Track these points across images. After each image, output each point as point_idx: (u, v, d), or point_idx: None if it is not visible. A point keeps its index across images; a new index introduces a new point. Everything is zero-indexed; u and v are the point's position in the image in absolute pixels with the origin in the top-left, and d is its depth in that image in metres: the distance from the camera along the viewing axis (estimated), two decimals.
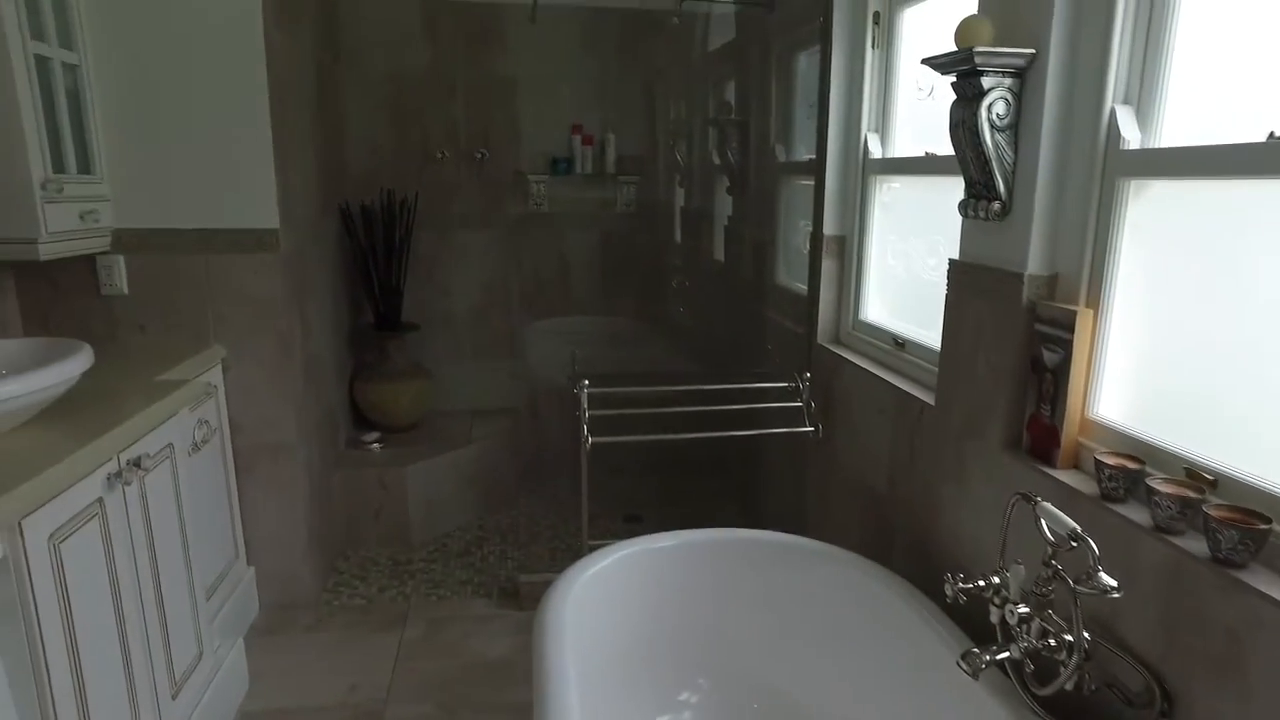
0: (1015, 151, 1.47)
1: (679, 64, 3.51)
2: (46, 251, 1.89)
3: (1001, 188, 1.48)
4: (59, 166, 1.94)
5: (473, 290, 3.52)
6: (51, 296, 2.21)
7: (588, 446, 2.28)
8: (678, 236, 3.67)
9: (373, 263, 3.14)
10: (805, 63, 2.61)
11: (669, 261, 3.70)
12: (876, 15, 2.14)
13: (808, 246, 2.46)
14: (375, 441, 3.09)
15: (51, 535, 1.37)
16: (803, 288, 2.53)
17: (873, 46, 2.16)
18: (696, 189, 3.54)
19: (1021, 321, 1.47)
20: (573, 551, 2.89)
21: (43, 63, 1.89)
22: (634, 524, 3.11)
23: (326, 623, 2.46)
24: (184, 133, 2.17)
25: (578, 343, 3.54)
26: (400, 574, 2.76)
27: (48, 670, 1.35)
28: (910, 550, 1.90)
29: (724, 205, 3.29)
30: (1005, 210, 1.50)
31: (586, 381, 2.33)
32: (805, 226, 2.52)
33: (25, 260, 1.89)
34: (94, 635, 1.48)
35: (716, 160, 3.24)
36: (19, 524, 1.29)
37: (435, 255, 3.45)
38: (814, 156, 2.39)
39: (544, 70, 3.37)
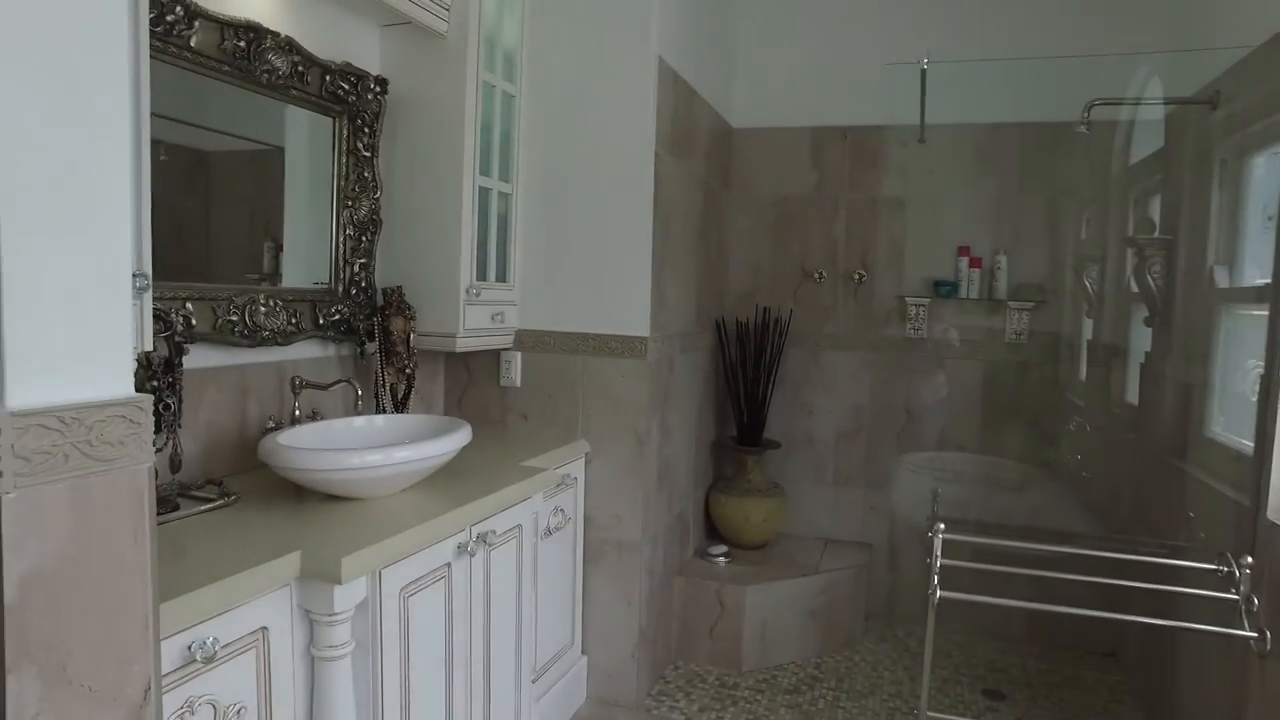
0: None
1: (1088, 178, 3.10)
2: (462, 345, 2.26)
3: None
4: (481, 275, 2.33)
5: (838, 413, 3.40)
6: (466, 382, 2.62)
7: (935, 599, 1.99)
8: (1081, 373, 3.16)
9: (740, 377, 3.22)
10: (1265, 166, 2.12)
11: (1066, 400, 3.19)
12: None
13: (1256, 392, 1.91)
14: (722, 555, 3.08)
15: (404, 588, 1.55)
16: (1246, 444, 1.97)
17: None
18: (1106, 319, 3.03)
19: None
20: (911, 717, 2.51)
21: (484, 192, 2.31)
22: (995, 702, 2.62)
23: None
24: (578, 247, 2.47)
25: (947, 481, 3.19)
26: (724, 697, 2.65)
27: (382, 707, 1.51)
28: None
29: (1140, 338, 2.76)
30: None
31: (942, 525, 2.05)
32: (1254, 367, 1.98)
33: (448, 351, 2.27)
34: (424, 685, 1.62)
35: (1134, 287, 2.75)
36: (379, 572, 1.48)
37: (803, 374, 3.42)
38: (1270, 280, 1.88)
39: (930, 190, 3.23)
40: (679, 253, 2.73)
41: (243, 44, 1.79)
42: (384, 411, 2.17)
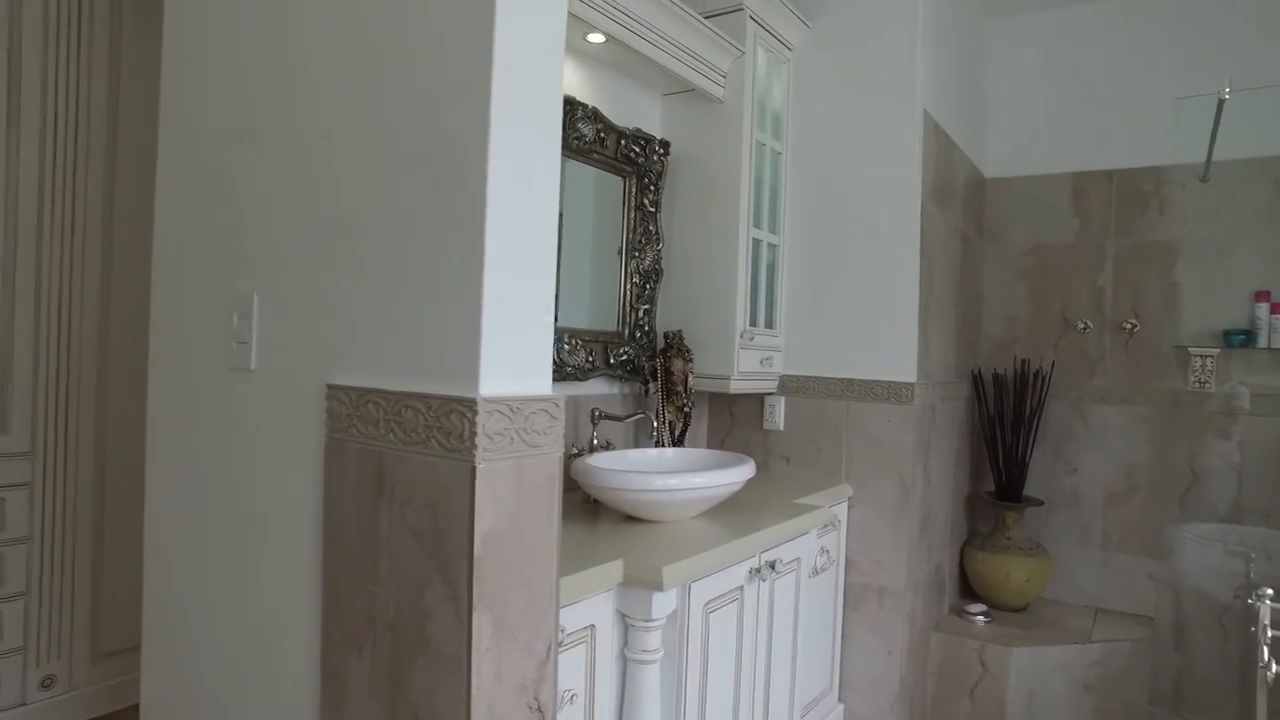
0: None
1: None
2: (735, 387, 2.39)
3: None
4: (753, 321, 2.46)
5: (1108, 472, 3.16)
6: (729, 424, 2.74)
7: (1270, 675, 1.79)
8: None
9: (999, 431, 3.10)
10: None
11: None
12: None
13: None
14: (981, 614, 2.93)
15: (707, 603, 1.66)
16: None
17: None
18: None
19: None
20: None
21: (756, 244, 2.46)
22: None
23: None
24: (843, 295, 2.54)
25: (1249, 557, 2.85)
26: None
27: (685, 714, 1.60)
28: None
29: None
30: None
31: (1269, 591, 1.86)
32: None
33: (718, 392, 2.41)
34: (717, 700, 1.70)
35: None
36: (689, 586, 1.60)
37: (1066, 430, 3.22)
38: None
39: (1216, 232, 2.98)
40: (940, 301, 2.72)
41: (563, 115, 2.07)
42: (662, 445, 2.33)
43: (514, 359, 1.03)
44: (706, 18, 2.30)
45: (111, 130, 2.50)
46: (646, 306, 2.40)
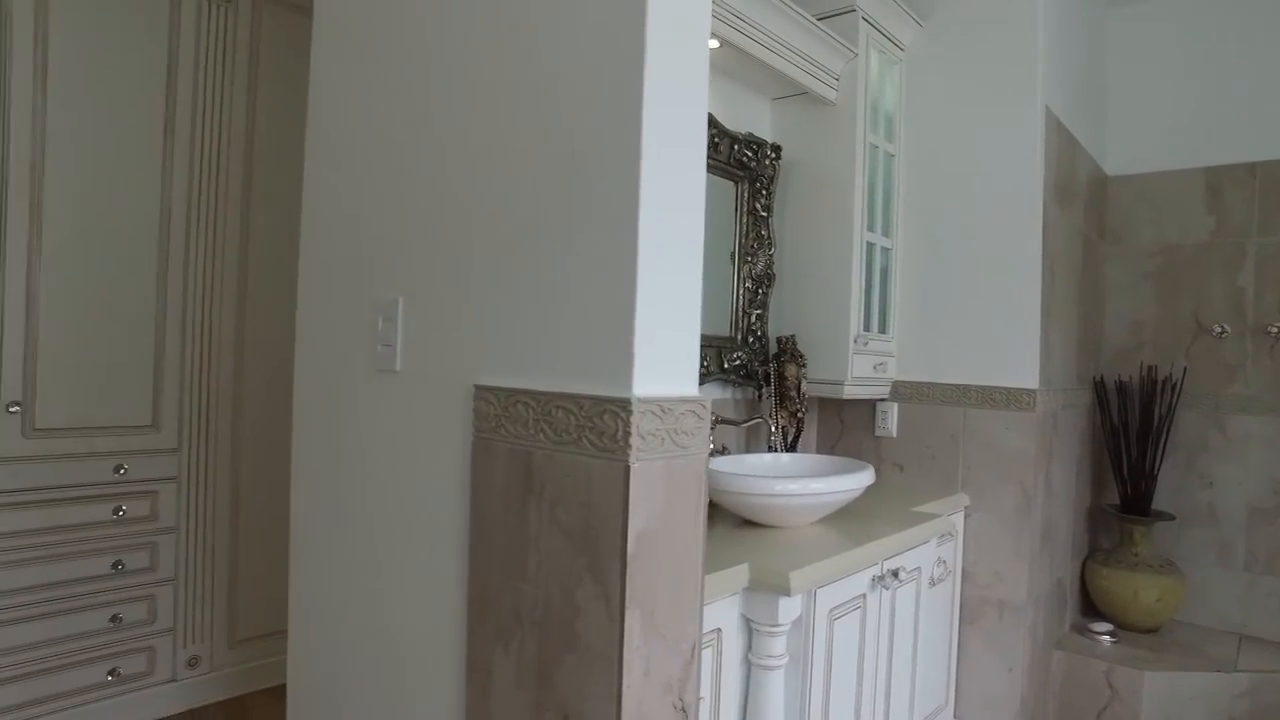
0: None
1: None
2: (849, 392, 2.35)
3: None
4: (866, 326, 2.41)
5: (1250, 487, 2.96)
6: (838, 430, 2.70)
7: None
8: None
9: (1123, 441, 2.95)
10: None
11: None
12: None
13: None
14: (1107, 634, 2.79)
15: (831, 610, 1.63)
16: None
17: None
18: None
19: None
20: None
21: (869, 247, 2.42)
22: None
23: None
24: (958, 299, 2.46)
25: None
26: None
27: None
28: None
29: None
30: None
31: None
32: None
33: (829, 398, 2.37)
34: (839, 710, 1.67)
35: None
36: (815, 592, 1.58)
37: (1199, 440, 3.04)
38: None
39: None
40: (1062, 305, 2.61)
41: None
42: (774, 451, 2.31)
43: (664, 360, 1.04)
44: (819, 19, 2.28)
45: (249, 147, 2.66)
46: (759, 311, 2.39)
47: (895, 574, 1.81)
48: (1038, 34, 2.36)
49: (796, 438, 2.32)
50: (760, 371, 2.33)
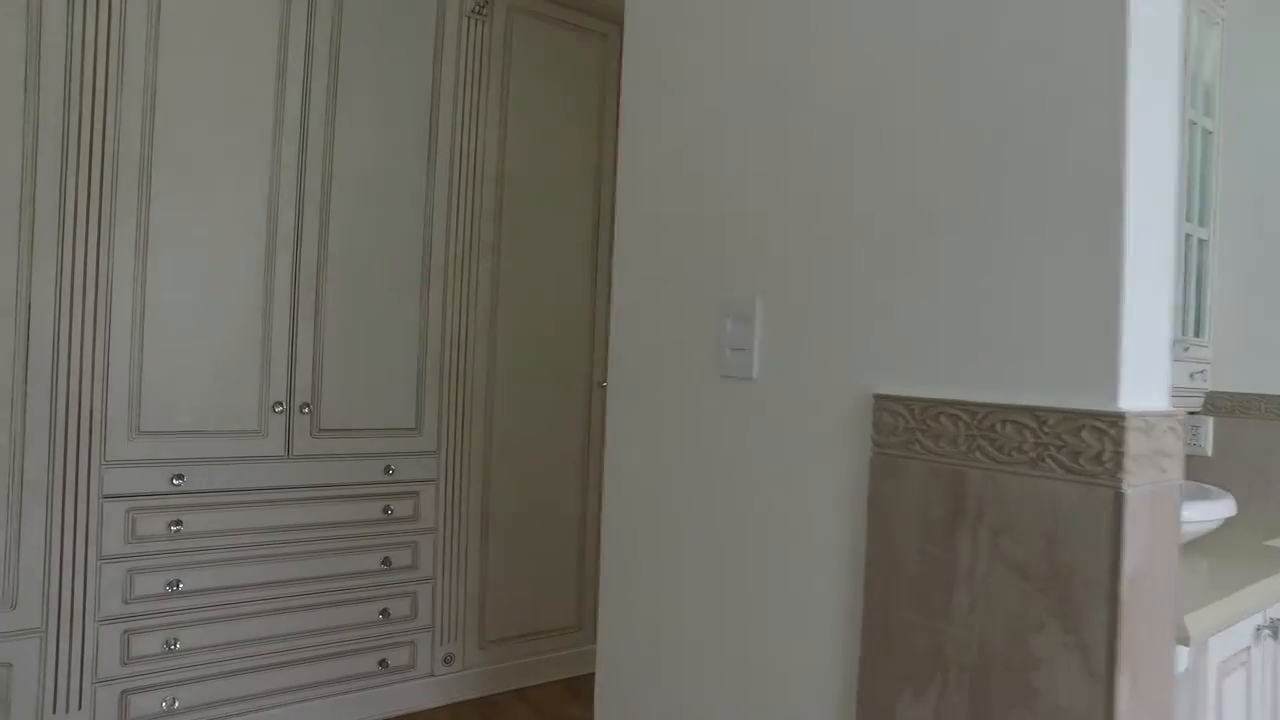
0: None
1: None
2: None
3: None
4: (1183, 329, 2.11)
5: None
6: None
7: None
8: None
9: None
10: None
11: None
12: None
13: None
14: None
15: (1221, 663, 1.39)
16: None
17: None
18: None
19: None
20: None
21: (1185, 239, 2.11)
22: None
23: None
24: None
25: None
26: None
27: None
28: None
29: None
30: None
31: None
32: None
33: None
34: None
35: None
36: (1206, 641, 1.34)
37: None
38: None
39: None
40: None
41: None
42: None
43: (1143, 368, 0.87)
44: None
45: (501, 158, 2.70)
46: None
47: (1276, 626, 1.53)
48: None
49: None
50: None
